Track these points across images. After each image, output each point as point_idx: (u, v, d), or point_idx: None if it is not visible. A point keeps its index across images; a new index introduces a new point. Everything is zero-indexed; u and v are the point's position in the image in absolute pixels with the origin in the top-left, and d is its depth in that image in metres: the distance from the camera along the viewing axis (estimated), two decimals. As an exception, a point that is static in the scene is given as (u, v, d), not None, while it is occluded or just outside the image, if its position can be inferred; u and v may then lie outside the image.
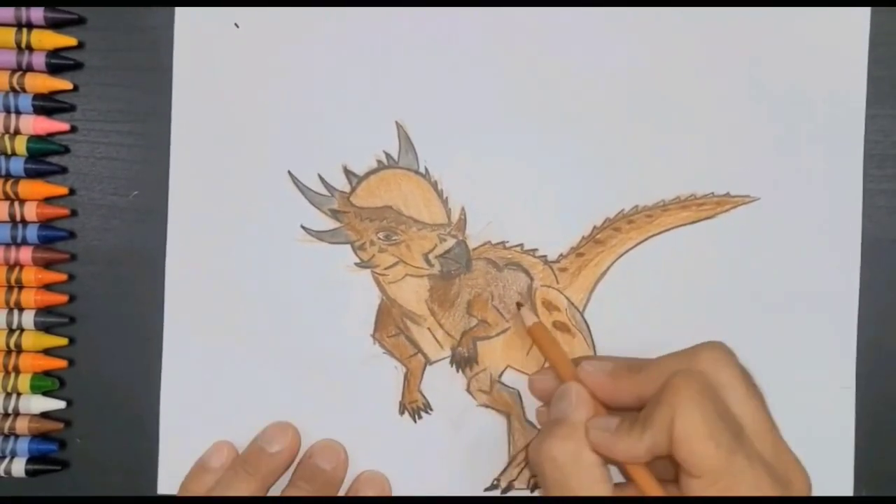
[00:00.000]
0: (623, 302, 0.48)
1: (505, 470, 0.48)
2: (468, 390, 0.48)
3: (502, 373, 0.48)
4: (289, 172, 0.48)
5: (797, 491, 0.39)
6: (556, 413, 0.42)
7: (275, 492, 0.47)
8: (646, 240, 0.48)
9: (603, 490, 0.40)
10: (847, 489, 0.47)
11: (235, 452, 0.47)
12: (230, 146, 0.48)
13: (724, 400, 0.39)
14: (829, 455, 0.47)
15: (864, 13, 0.48)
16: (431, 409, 0.48)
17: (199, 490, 0.46)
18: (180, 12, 0.48)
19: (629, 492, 0.41)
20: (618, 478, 0.42)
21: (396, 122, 0.48)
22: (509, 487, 0.47)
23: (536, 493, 0.48)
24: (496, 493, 0.48)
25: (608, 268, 0.48)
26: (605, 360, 0.44)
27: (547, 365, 0.47)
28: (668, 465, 0.41)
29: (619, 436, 0.40)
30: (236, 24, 0.48)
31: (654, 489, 0.40)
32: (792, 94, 0.47)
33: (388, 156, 0.48)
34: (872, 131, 0.48)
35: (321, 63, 0.48)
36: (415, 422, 0.48)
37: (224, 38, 0.48)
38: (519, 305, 0.47)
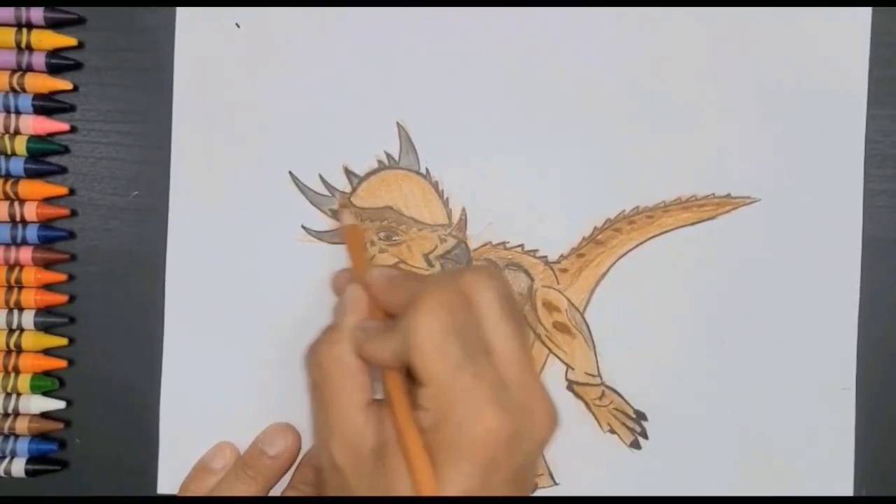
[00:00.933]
0: (623, 303, 0.48)
1: (505, 470, 0.48)
2: (468, 391, 0.48)
3: (503, 373, 0.48)
4: (290, 173, 0.48)
5: (539, 422, 0.37)
6: (334, 316, 0.42)
7: (275, 492, 0.47)
8: (647, 241, 0.48)
9: (360, 398, 0.39)
10: (847, 489, 0.47)
11: (237, 454, 0.47)
12: (231, 146, 0.48)
13: (477, 320, 0.38)
14: (830, 455, 0.47)
15: (866, 13, 0.48)
16: (432, 410, 0.48)
17: (200, 491, 0.46)
18: (181, 12, 0.48)
19: (385, 407, 0.39)
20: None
21: (397, 123, 0.48)
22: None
23: (536, 494, 0.48)
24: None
25: (609, 268, 0.48)
26: (395, 269, 0.44)
27: None
28: None
29: (372, 338, 0.39)
30: (237, 24, 0.48)
31: (397, 397, 0.38)
32: (793, 95, 0.47)
33: (388, 156, 0.48)
34: (872, 131, 0.48)
35: (322, 63, 0.48)
36: (415, 422, 0.48)
37: (225, 38, 0.48)
38: (342, 207, 0.47)
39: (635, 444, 0.47)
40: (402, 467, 0.36)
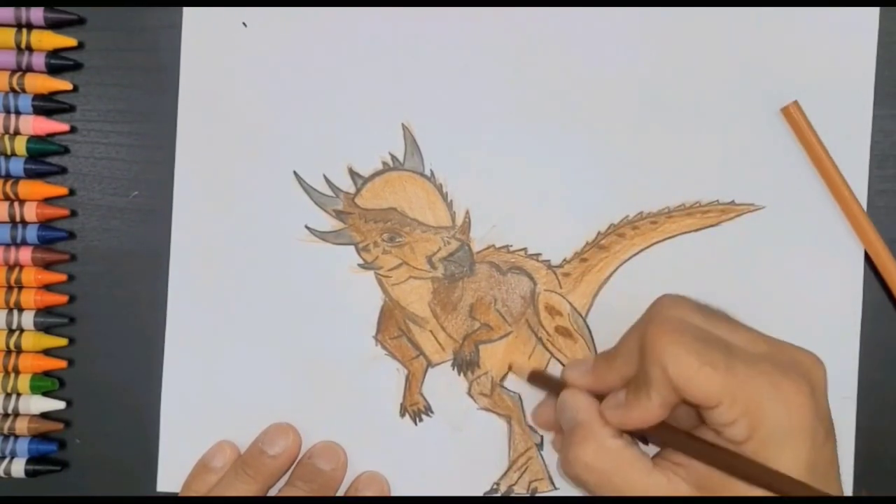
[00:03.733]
0: (626, 308, 0.47)
1: (505, 474, 0.48)
2: (469, 393, 0.48)
3: (504, 377, 0.48)
4: (294, 173, 0.48)
5: (815, 374, 0.40)
6: (565, 425, 0.42)
7: (273, 491, 0.47)
8: (650, 246, 0.48)
9: (644, 468, 0.40)
10: (847, 489, 0.47)
11: (238, 452, 0.48)
12: (236, 146, 0.48)
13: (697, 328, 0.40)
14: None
15: (873, 14, 0.47)
16: (432, 412, 0.48)
17: (201, 490, 0.47)
18: (188, 12, 0.47)
19: (669, 459, 0.41)
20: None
21: (402, 124, 0.48)
22: (509, 492, 0.48)
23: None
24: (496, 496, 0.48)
25: (611, 273, 0.48)
26: (584, 362, 0.44)
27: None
28: (689, 412, 0.41)
29: (630, 405, 0.40)
30: (244, 24, 0.47)
31: (684, 437, 0.40)
32: (799, 100, 0.47)
33: (393, 157, 0.48)
34: (873, 131, 0.47)
35: (328, 63, 0.48)
36: (415, 424, 0.48)
37: (231, 37, 0.48)
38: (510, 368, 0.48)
39: (636, 450, 0.48)
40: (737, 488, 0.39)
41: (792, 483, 0.37)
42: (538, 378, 0.46)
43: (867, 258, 0.47)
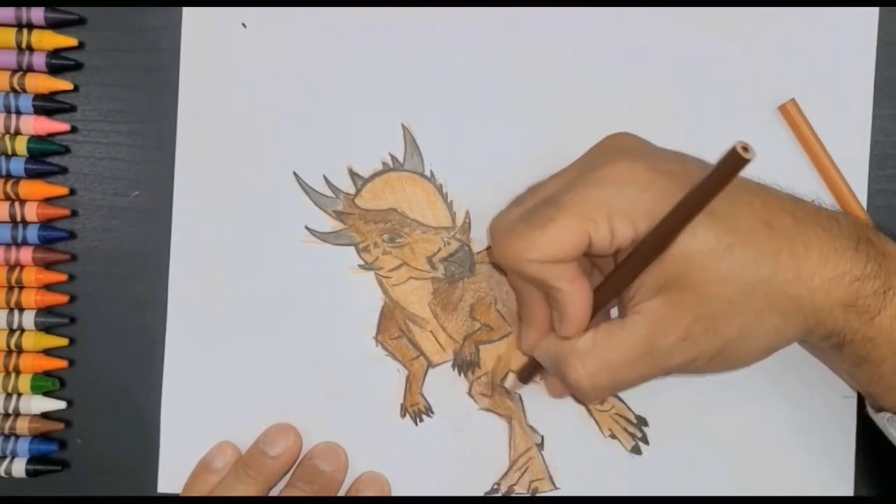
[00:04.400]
0: (626, 308, 0.48)
1: (506, 474, 0.48)
2: (470, 394, 0.48)
3: (504, 377, 0.48)
4: (294, 173, 0.48)
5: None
6: (554, 370, 0.42)
7: (274, 493, 0.47)
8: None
9: (617, 327, 0.39)
10: (847, 489, 0.48)
11: (238, 453, 0.48)
12: (235, 146, 0.48)
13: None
14: (830, 456, 0.48)
15: (872, 14, 0.47)
16: (433, 412, 0.48)
17: (202, 490, 0.47)
18: (188, 12, 0.47)
19: (626, 308, 0.40)
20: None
21: (402, 125, 0.48)
22: (510, 492, 0.48)
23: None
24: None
25: (612, 273, 0.48)
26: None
27: None
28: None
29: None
30: (244, 24, 0.48)
31: (609, 279, 0.40)
32: (799, 98, 0.47)
33: (393, 158, 0.48)
34: (873, 131, 0.47)
35: (328, 64, 0.48)
36: (416, 424, 0.48)
37: (231, 38, 0.48)
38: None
39: (636, 450, 0.47)
40: None
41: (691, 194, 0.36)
42: (523, 374, 0.47)
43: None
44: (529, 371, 0.46)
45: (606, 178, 0.39)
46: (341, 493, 0.48)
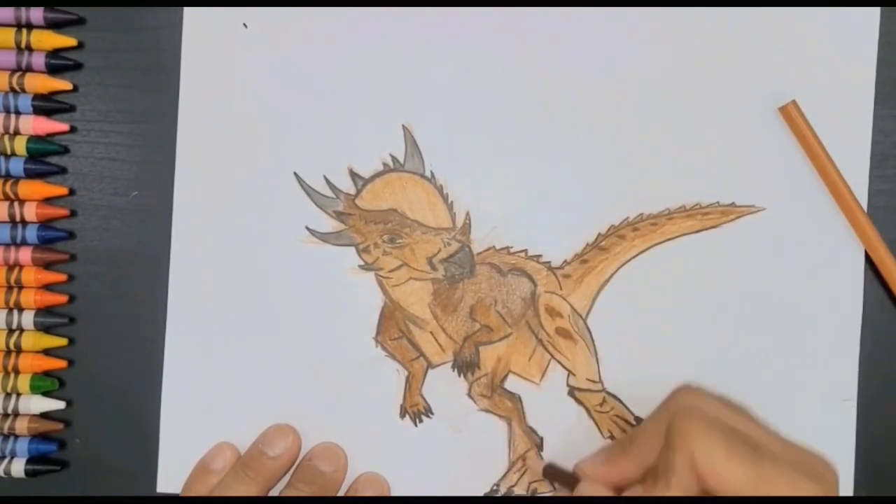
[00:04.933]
0: (626, 309, 0.48)
1: (505, 475, 0.48)
2: (469, 395, 0.48)
3: (504, 378, 0.48)
4: (294, 174, 0.48)
5: (831, 480, 0.40)
6: None
7: (274, 493, 0.47)
8: (650, 248, 0.47)
9: None
10: (847, 489, 0.48)
11: (238, 454, 0.48)
12: (236, 146, 0.48)
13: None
14: (829, 456, 0.47)
15: (874, 14, 0.47)
16: (432, 413, 0.48)
17: (201, 491, 0.47)
18: (189, 12, 0.47)
19: None
20: None
21: (403, 126, 0.48)
22: (509, 492, 0.48)
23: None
24: (497, 498, 0.48)
25: (612, 275, 0.48)
26: (597, 453, 0.44)
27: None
28: None
29: (649, 493, 0.40)
30: (245, 24, 0.47)
31: None
32: (800, 100, 0.47)
33: (394, 159, 0.48)
34: (873, 131, 0.47)
35: (329, 64, 0.48)
36: (415, 425, 0.48)
37: (232, 38, 0.48)
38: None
39: (636, 451, 0.48)
40: None
41: None
42: (552, 473, 0.46)
43: (867, 258, 0.47)
44: (557, 476, 0.46)
45: (798, 489, 0.39)
46: (340, 494, 0.48)
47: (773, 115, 0.47)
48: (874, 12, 0.47)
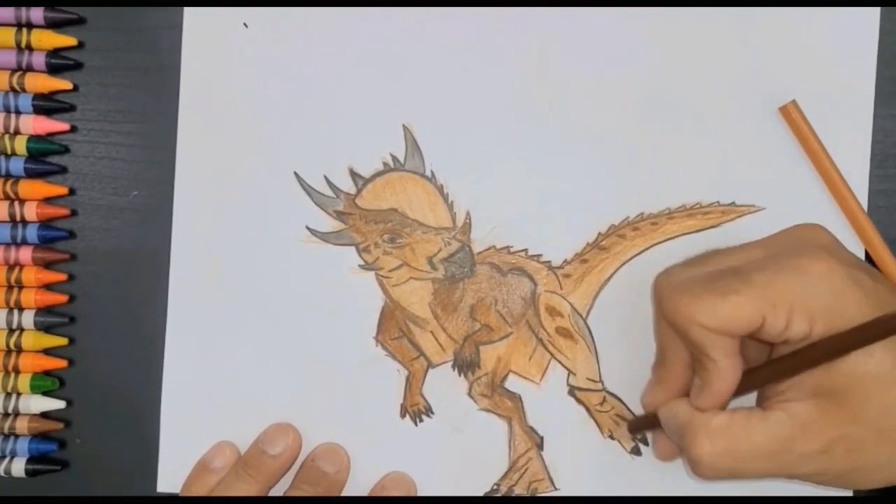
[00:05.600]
0: (626, 309, 0.48)
1: (505, 475, 0.48)
2: (470, 394, 0.48)
3: (504, 378, 0.48)
4: (295, 173, 0.48)
5: (820, 237, 0.42)
6: (677, 438, 0.42)
7: (277, 493, 0.47)
8: (650, 247, 0.47)
9: (759, 418, 0.39)
10: (846, 489, 0.47)
11: (238, 453, 0.48)
12: (236, 146, 0.48)
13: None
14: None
15: (874, 14, 0.47)
16: (433, 413, 0.48)
17: (201, 490, 0.47)
18: (189, 12, 0.47)
19: (772, 397, 0.40)
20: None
21: (403, 125, 0.48)
22: (509, 492, 0.48)
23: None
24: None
25: (612, 274, 0.48)
26: (648, 384, 0.45)
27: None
28: (758, 348, 0.42)
29: (707, 380, 0.40)
30: (245, 24, 0.47)
31: (768, 367, 0.40)
32: (800, 100, 0.47)
33: (394, 158, 0.48)
34: (873, 131, 0.47)
35: (329, 64, 0.48)
36: (416, 425, 0.48)
37: (232, 38, 0.48)
38: None
39: (636, 451, 0.47)
40: None
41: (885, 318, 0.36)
42: (636, 425, 0.47)
43: (867, 258, 0.47)
44: (643, 425, 0.46)
45: (802, 270, 0.38)
46: (344, 493, 0.48)
47: (773, 115, 0.47)
48: (874, 12, 0.47)
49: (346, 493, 0.48)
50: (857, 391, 0.37)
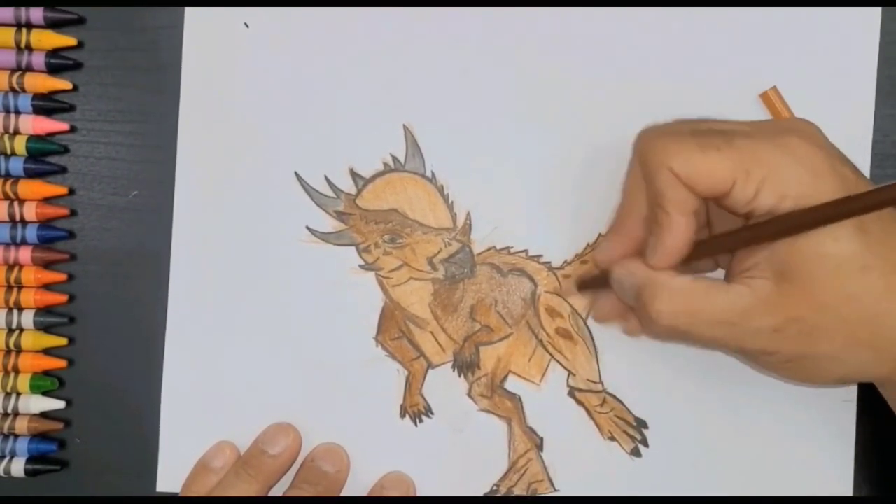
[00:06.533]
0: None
1: (505, 475, 0.48)
2: (469, 395, 0.48)
3: (504, 378, 0.48)
4: (295, 173, 0.48)
5: (810, 128, 0.40)
6: (630, 297, 0.42)
7: (277, 493, 0.47)
8: (651, 248, 0.48)
9: (720, 287, 0.39)
10: (846, 489, 0.48)
11: (238, 453, 0.48)
12: (237, 146, 0.48)
13: None
14: (829, 456, 0.48)
15: (875, 14, 0.47)
16: (432, 413, 0.48)
17: (201, 490, 0.47)
18: (190, 12, 0.47)
19: (736, 271, 0.40)
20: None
21: (404, 126, 0.47)
22: (509, 493, 0.48)
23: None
24: (497, 498, 0.48)
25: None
26: (601, 239, 0.45)
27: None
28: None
29: (661, 235, 0.39)
30: (246, 24, 0.47)
31: (729, 235, 0.40)
32: (801, 99, 0.47)
33: (394, 159, 0.48)
34: (873, 131, 0.47)
35: (330, 64, 0.48)
36: (415, 425, 0.48)
37: (233, 38, 0.47)
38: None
39: (636, 452, 0.48)
40: None
41: (861, 195, 0.36)
42: (584, 283, 0.46)
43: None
44: (591, 283, 0.46)
45: (784, 146, 0.38)
46: (344, 493, 0.48)
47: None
48: (874, 12, 0.47)
49: (345, 493, 0.48)
50: (819, 275, 0.37)
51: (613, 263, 0.42)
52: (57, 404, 0.48)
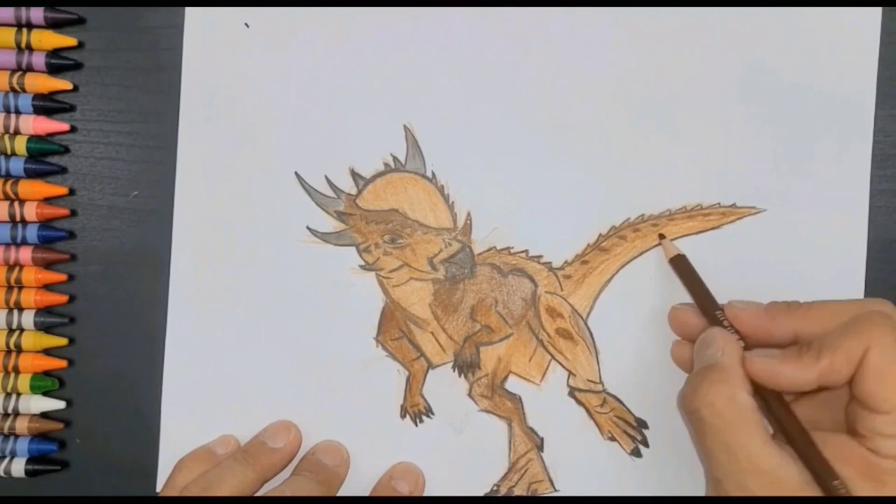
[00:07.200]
0: (627, 310, 0.48)
1: (505, 475, 0.48)
2: (470, 395, 0.48)
3: (504, 378, 0.48)
4: (296, 174, 0.48)
5: None
6: (704, 360, 0.41)
7: (277, 483, 0.47)
8: (651, 248, 0.47)
9: (762, 436, 0.38)
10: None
11: (240, 447, 0.48)
12: (237, 146, 0.48)
13: None
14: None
15: (875, 14, 0.47)
16: (433, 414, 0.48)
17: (194, 468, 0.46)
18: (190, 12, 0.47)
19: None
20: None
21: (404, 126, 0.47)
22: (509, 493, 0.48)
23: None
24: (497, 498, 0.48)
25: (612, 276, 0.48)
26: (754, 304, 0.43)
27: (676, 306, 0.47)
28: (835, 407, 0.41)
29: (786, 361, 0.39)
30: (246, 24, 0.47)
31: (801, 429, 0.40)
32: (801, 100, 0.47)
33: (395, 159, 0.48)
34: (873, 131, 0.47)
35: (330, 64, 0.48)
36: (416, 425, 0.48)
37: (233, 38, 0.47)
38: (661, 237, 0.47)
39: (636, 452, 0.48)
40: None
41: None
42: (683, 313, 0.46)
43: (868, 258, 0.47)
44: (691, 317, 0.45)
45: None
46: (344, 493, 0.48)
47: (774, 117, 0.47)
48: (875, 12, 0.47)
49: (346, 493, 0.48)
50: None
51: (731, 314, 0.43)
52: (57, 404, 0.48)
